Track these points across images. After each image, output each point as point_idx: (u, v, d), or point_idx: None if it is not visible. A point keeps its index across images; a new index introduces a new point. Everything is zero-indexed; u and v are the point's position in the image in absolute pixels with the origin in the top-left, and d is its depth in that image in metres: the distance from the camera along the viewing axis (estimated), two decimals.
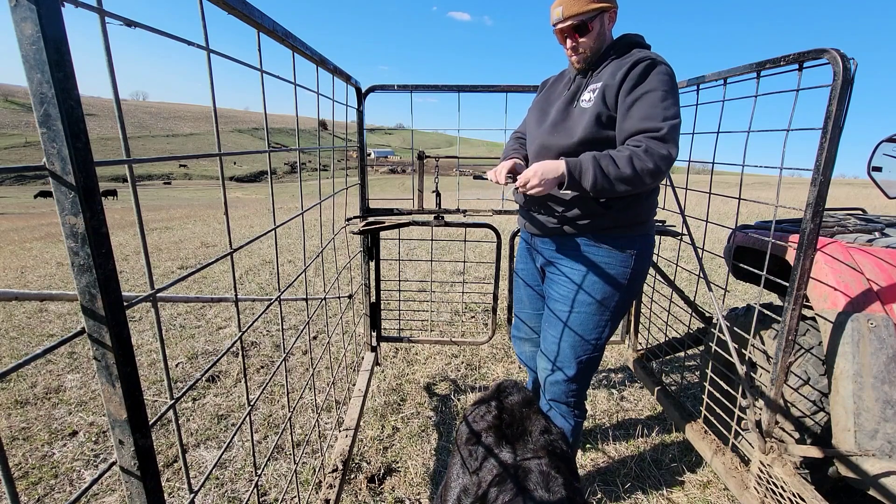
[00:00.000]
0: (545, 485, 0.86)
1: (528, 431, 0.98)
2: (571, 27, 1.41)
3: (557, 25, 1.43)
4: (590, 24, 1.40)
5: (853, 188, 34.43)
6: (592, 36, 1.42)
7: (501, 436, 0.97)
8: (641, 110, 1.31)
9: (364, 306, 2.46)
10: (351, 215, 2.24)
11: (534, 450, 0.93)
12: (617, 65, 1.41)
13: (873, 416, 1.40)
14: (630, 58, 1.39)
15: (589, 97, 1.45)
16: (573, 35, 1.43)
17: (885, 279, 1.49)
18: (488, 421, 1.01)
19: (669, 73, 1.36)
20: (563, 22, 1.40)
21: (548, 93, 1.66)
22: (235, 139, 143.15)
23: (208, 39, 0.71)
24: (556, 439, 0.97)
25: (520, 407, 1.03)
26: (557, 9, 1.41)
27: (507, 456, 0.93)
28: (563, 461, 0.93)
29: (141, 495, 0.55)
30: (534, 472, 0.87)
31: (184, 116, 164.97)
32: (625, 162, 1.27)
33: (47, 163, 0.43)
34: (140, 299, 0.58)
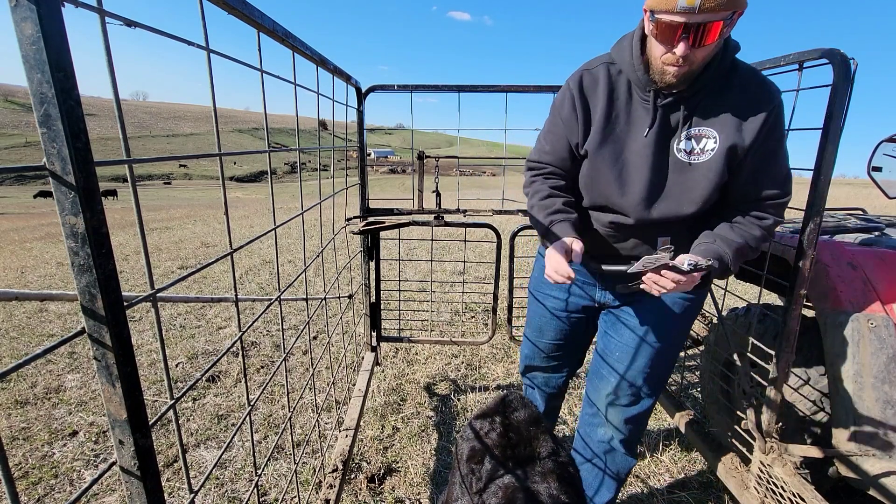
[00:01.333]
0: None
1: (537, 453, 0.93)
2: (702, 26, 0.95)
3: (679, 17, 0.95)
4: (722, 28, 0.97)
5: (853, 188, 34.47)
6: (712, 46, 1.01)
7: (507, 456, 0.92)
8: (771, 172, 1.13)
9: (364, 306, 2.46)
10: (351, 215, 2.24)
11: (542, 473, 0.89)
12: (736, 103, 1.09)
13: (873, 416, 1.40)
14: (751, 92, 1.09)
15: (695, 147, 1.12)
16: (697, 37, 0.97)
17: (885, 279, 1.49)
18: (493, 439, 0.96)
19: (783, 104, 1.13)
20: (691, 14, 0.93)
21: (613, 103, 1.18)
22: (235, 139, 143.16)
23: (208, 39, 0.71)
24: (566, 462, 0.93)
25: (526, 425, 0.98)
26: None
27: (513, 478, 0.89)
28: (572, 486, 0.89)
29: (141, 495, 0.55)
30: (543, 496, 0.84)
31: (184, 116, 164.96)
32: (757, 243, 1.14)
33: (47, 163, 0.43)
34: (140, 299, 0.58)
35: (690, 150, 1.13)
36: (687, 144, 1.13)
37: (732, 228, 1.16)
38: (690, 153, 1.13)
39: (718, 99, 1.11)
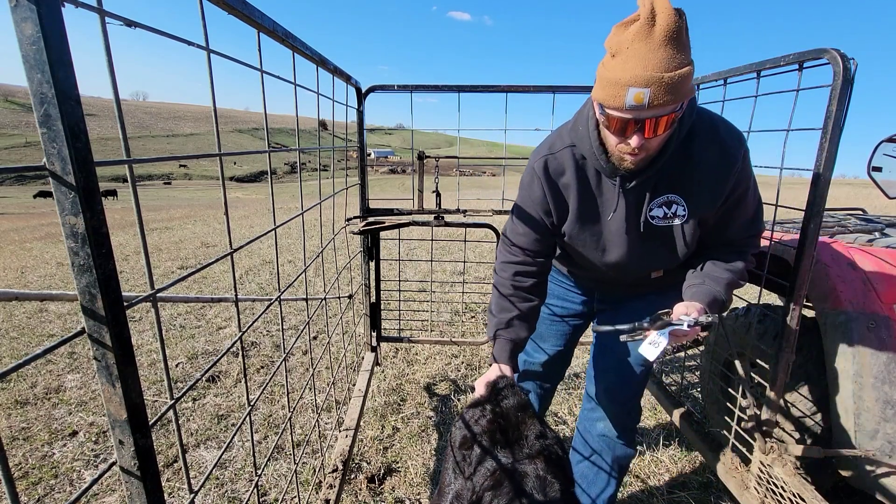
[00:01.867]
0: (542, 489, 0.84)
1: (524, 436, 0.96)
2: (652, 120, 0.96)
3: (630, 114, 0.95)
4: (674, 120, 0.99)
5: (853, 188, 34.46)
6: (666, 135, 1.02)
7: (496, 440, 0.95)
8: (740, 217, 1.19)
9: (364, 306, 2.46)
10: (351, 215, 2.24)
11: (529, 455, 0.92)
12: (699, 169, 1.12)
13: (873, 416, 1.40)
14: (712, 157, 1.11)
15: (666, 213, 1.18)
16: (649, 129, 0.97)
17: (885, 279, 1.49)
18: (482, 425, 0.99)
19: (748, 150, 1.14)
20: (641, 111, 0.94)
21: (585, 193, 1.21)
22: (235, 139, 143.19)
23: (208, 39, 0.71)
24: (552, 444, 0.95)
25: (515, 411, 1.01)
26: (640, 90, 0.91)
27: (502, 460, 0.92)
28: (560, 467, 0.92)
29: (141, 495, 0.55)
30: (530, 477, 0.86)
31: (184, 116, 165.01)
32: (742, 274, 1.21)
33: (47, 163, 0.43)
34: (140, 299, 0.58)
35: (663, 215, 1.19)
36: (658, 211, 1.18)
37: (716, 265, 1.21)
38: (664, 217, 1.19)
39: (681, 170, 1.14)
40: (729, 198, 1.15)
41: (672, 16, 0.89)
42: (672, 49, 0.90)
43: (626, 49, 0.92)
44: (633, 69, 0.91)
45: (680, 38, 0.91)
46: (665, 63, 0.90)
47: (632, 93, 0.92)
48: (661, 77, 0.90)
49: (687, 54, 0.93)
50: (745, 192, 1.16)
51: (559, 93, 2.17)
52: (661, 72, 0.90)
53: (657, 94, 0.91)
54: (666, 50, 0.90)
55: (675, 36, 0.89)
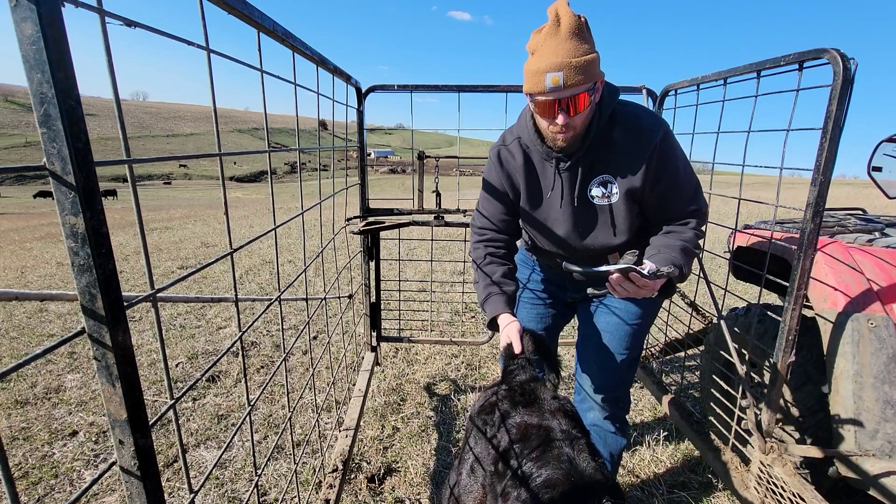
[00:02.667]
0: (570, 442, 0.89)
1: (541, 398, 1.05)
2: (571, 99, 1.15)
3: (551, 95, 1.14)
4: (589, 98, 1.16)
5: (853, 188, 34.46)
6: (587, 112, 1.19)
7: (515, 402, 1.04)
8: (677, 196, 1.29)
9: (364, 306, 2.46)
10: (351, 215, 2.24)
11: (550, 411, 0.99)
12: (623, 150, 1.27)
13: (873, 416, 1.40)
14: (632, 138, 1.26)
15: (603, 192, 1.32)
16: (569, 110, 1.16)
17: (885, 279, 1.49)
18: (500, 395, 1.10)
19: (670, 130, 1.27)
20: (560, 91, 1.13)
21: (529, 175, 1.39)
22: (235, 139, 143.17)
23: (208, 39, 0.71)
24: (567, 403, 1.07)
25: (528, 382, 1.12)
26: (555, 74, 1.11)
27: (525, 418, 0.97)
28: (576, 420, 1.01)
29: (141, 495, 0.55)
30: (556, 430, 0.93)
31: (184, 116, 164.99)
32: (694, 243, 1.30)
33: (47, 163, 0.43)
34: (140, 299, 0.58)
35: (602, 194, 1.33)
36: (598, 190, 1.33)
37: (668, 237, 1.31)
38: (602, 196, 1.33)
39: (608, 152, 1.29)
40: (656, 178, 1.26)
41: (573, 16, 1.12)
42: (576, 41, 1.11)
43: (541, 46, 1.14)
44: (548, 59, 1.12)
45: (582, 33, 1.12)
46: (572, 51, 1.11)
47: (549, 77, 1.12)
48: (569, 62, 1.10)
49: (590, 46, 1.14)
50: (674, 171, 1.26)
51: None
52: (569, 58, 1.11)
53: (569, 75, 1.11)
54: (571, 42, 1.11)
55: (577, 31, 1.11)
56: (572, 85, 1.12)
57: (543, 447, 0.88)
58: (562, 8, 1.14)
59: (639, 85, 2.16)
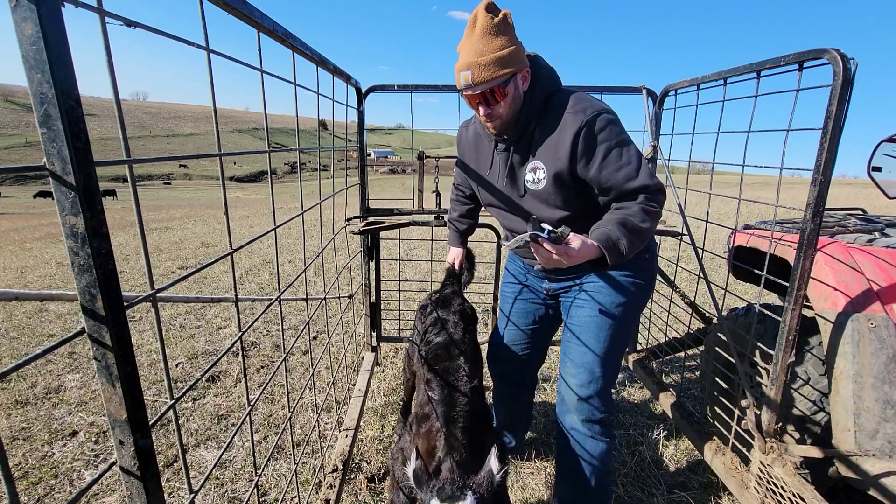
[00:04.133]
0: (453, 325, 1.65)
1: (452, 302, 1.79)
2: (483, 94, 1.28)
3: (466, 91, 1.29)
4: (503, 90, 1.27)
5: (853, 188, 34.45)
6: (507, 101, 1.30)
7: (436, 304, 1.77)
8: (615, 177, 1.26)
9: (364, 306, 2.46)
10: (351, 215, 2.24)
11: (452, 311, 1.73)
12: (551, 136, 1.31)
13: (873, 416, 1.40)
14: (560, 124, 1.29)
15: (534, 178, 1.38)
16: (486, 102, 1.29)
17: (885, 279, 1.49)
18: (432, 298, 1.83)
19: (603, 115, 1.26)
20: (472, 88, 1.26)
21: (474, 152, 1.56)
22: (235, 139, 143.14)
23: (208, 39, 0.71)
24: (465, 306, 1.79)
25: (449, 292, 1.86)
26: (465, 73, 1.25)
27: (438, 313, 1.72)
28: (466, 316, 1.73)
29: (141, 495, 0.55)
30: (449, 321, 1.67)
31: (184, 116, 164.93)
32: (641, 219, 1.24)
33: (47, 163, 0.43)
34: (140, 299, 0.58)
35: (533, 180, 1.39)
36: (530, 175, 1.40)
37: (612, 212, 1.32)
38: (534, 182, 1.39)
39: (539, 136, 1.35)
40: (585, 161, 1.27)
41: (486, 17, 1.21)
42: (488, 39, 1.22)
43: (459, 48, 1.28)
44: (461, 59, 1.26)
45: (497, 30, 1.22)
46: (480, 50, 1.22)
47: (462, 75, 1.26)
48: (476, 61, 1.22)
49: (506, 41, 1.23)
50: (606, 154, 1.26)
51: None
52: (476, 57, 1.22)
53: (476, 73, 1.23)
54: (483, 41, 1.22)
55: (490, 30, 1.21)
56: (481, 82, 1.24)
57: (440, 328, 1.62)
58: (480, 9, 1.24)
59: (639, 85, 2.17)
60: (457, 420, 1.30)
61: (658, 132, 2.17)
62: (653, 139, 2.16)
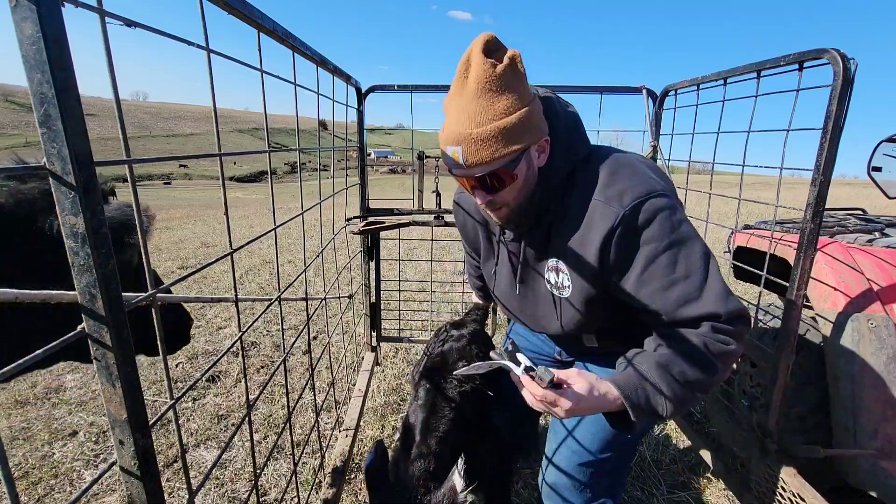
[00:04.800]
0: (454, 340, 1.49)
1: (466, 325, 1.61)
2: (479, 179, 0.89)
3: (456, 172, 0.91)
4: (511, 173, 0.88)
5: (853, 188, 34.46)
6: (516, 187, 0.91)
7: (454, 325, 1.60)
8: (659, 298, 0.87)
9: (364, 306, 2.46)
10: (351, 215, 2.24)
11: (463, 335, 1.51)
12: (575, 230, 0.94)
13: (873, 416, 1.40)
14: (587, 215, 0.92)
15: (556, 281, 1.03)
16: (485, 188, 0.91)
17: (885, 279, 1.49)
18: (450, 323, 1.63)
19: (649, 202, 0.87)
20: (465, 170, 0.88)
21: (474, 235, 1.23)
22: (235, 139, 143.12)
23: (208, 39, 0.71)
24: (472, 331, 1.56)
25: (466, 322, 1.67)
26: (454, 148, 0.86)
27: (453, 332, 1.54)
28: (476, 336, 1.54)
29: (141, 495, 0.55)
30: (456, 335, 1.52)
31: (184, 116, 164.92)
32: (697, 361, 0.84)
33: (47, 163, 0.43)
34: (140, 299, 0.57)
35: (556, 283, 1.04)
36: (551, 276, 1.04)
37: (657, 342, 0.92)
38: (557, 286, 1.04)
39: (559, 226, 0.98)
40: (619, 271, 0.90)
41: (483, 64, 0.82)
42: (487, 99, 0.83)
43: (447, 106, 0.89)
44: (448, 126, 0.87)
45: (497, 84, 0.82)
46: (475, 117, 0.83)
47: (449, 151, 0.87)
48: (469, 133, 0.83)
49: (513, 100, 0.83)
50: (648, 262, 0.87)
51: (559, 93, 2.16)
52: (470, 127, 0.83)
53: (469, 151, 0.84)
54: (479, 102, 0.83)
55: (488, 86, 0.82)
56: (478, 163, 0.85)
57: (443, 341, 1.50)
58: (475, 51, 0.84)
59: (639, 85, 2.16)
60: (435, 428, 1.20)
61: (658, 132, 2.17)
62: (653, 139, 2.16)
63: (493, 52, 0.84)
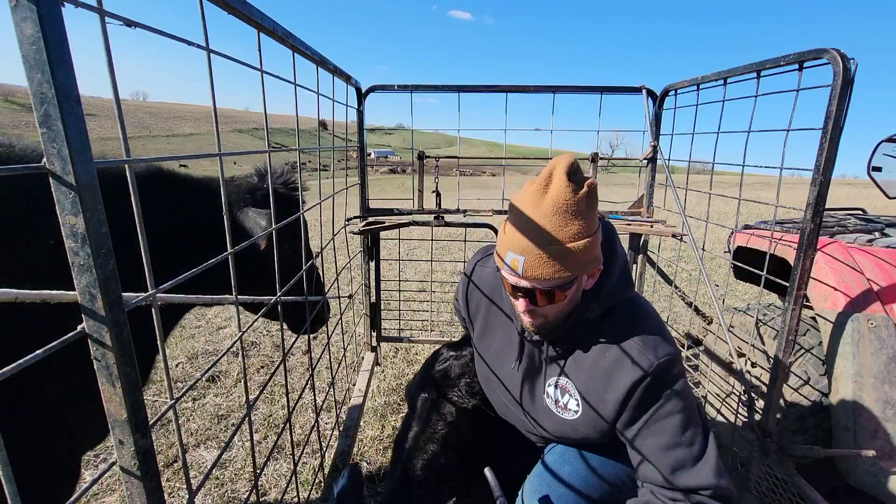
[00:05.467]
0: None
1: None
2: (534, 292, 0.91)
3: (510, 279, 0.92)
4: (563, 293, 0.91)
5: (853, 188, 34.46)
6: (562, 304, 0.94)
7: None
8: (658, 457, 0.93)
9: (364, 306, 2.46)
10: (351, 215, 2.24)
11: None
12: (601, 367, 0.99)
13: (873, 416, 1.40)
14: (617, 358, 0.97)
15: (558, 399, 1.06)
16: (532, 299, 0.93)
17: (885, 279, 1.49)
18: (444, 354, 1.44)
19: (677, 366, 0.95)
20: (520, 279, 0.90)
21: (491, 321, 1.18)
22: (235, 139, 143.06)
23: (208, 39, 0.71)
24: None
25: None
26: (516, 257, 0.88)
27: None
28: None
29: (141, 495, 0.55)
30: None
31: (184, 116, 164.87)
32: None
33: (47, 163, 0.43)
34: (140, 299, 0.57)
35: (556, 401, 1.07)
36: (554, 392, 1.07)
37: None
38: (556, 403, 1.07)
39: (585, 355, 1.02)
40: (635, 421, 0.95)
41: (565, 185, 0.85)
42: (561, 220, 0.85)
43: (517, 210, 0.90)
44: (513, 232, 0.89)
45: (574, 209, 0.85)
46: (546, 234, 0.85)
47: (510, 256, 0.89)
48: (536, 247, 0.85)
49: (582, 228, 0.86)
50: (660, 418, 0.93)
51: (559, 93, 2.17)
52: (538, 242, 0.85)
53: (531, 264, 0.86)
54: (552, 220, 0.85)
55: (565, 207, 0.85)
56: (534, 278, 0.87)
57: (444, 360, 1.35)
58: (559, 171, 0.86)
59: (639, 85, 2.17)
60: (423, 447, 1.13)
61: (658, 132, 2.17)
62: (653, 139, 2.16)
63: (574, 176, 0.87)
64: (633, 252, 2.36)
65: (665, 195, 2.18)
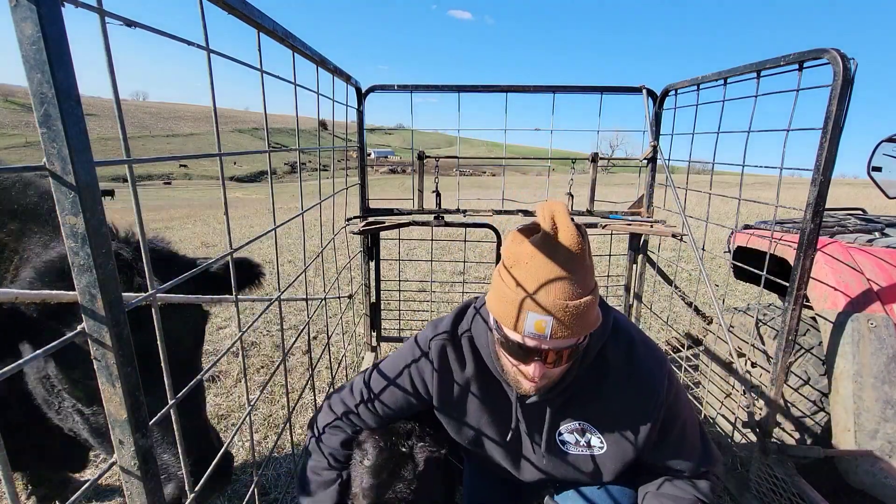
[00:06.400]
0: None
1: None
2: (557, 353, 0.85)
3: (528, 341, 0.83)
4: (578, 350, 0.89)
5: (853, 188, 34.45)
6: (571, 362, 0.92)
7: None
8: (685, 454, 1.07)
9: (364, 306, 2.46)
10: (351, 215, 2.24)
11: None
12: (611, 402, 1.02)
13: (873, 416, 1.40)
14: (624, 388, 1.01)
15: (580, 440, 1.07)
16: (552, 359, 0.86)
17: (885, 279, 1.49)
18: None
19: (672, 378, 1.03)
20: (543, 341, 0.82)
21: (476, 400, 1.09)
22: (235, 139, 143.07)
23: (208, 39, 0.71)
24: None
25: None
26: (543, 319, 0.79)
27: None
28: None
29: (141, 495, 0.55)
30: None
31: (184, 116, 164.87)
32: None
33: (47, 163, 0.43)
34: (140, 299, 0.57)
35: (575, 442, 1.07)
36: (570, 437, 1.07)
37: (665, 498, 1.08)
38: (575, 444, 1.07)
39: (593, 400, 1.03)
40: (661, 438, 1.04)
41: (575, 233, 0.79)
42: (576, 271, 0.79)
43: (526, 263, 0.80)
44: (534, 288, 0.79)
45: (584, 258, 0.81)
46: (569, 288, 0.78)
47: (532, 319, 0.79)
48: (564, 305, 0.78)
49: (591, 278, 0.82)
50: (681, 428, 1.05)
51: (559, 93, 2.17)
52: (565, 299, 0.78)
53: (561, 325, 0.79)
54: (573, 272, 0.79)
55: (579, 255, 0.79)
56: (562, 337, 0.80)
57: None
58: (560, 214, 0.81)
59: (639, 85, 2.17)
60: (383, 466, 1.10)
61: (658, 132, 2.17)
62: (653, 139, 2.16)
63: (572, 219, 0.82)
64: (633, 252, 2.36)
65: (665, 195, 2.18)
